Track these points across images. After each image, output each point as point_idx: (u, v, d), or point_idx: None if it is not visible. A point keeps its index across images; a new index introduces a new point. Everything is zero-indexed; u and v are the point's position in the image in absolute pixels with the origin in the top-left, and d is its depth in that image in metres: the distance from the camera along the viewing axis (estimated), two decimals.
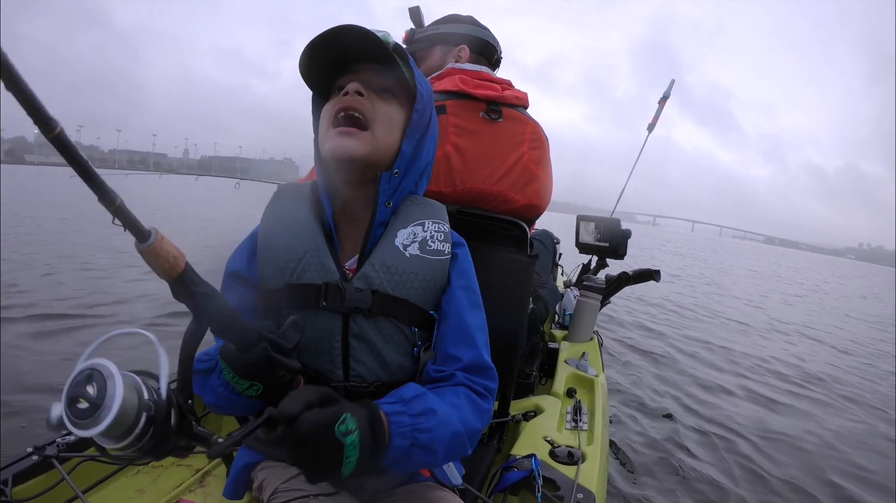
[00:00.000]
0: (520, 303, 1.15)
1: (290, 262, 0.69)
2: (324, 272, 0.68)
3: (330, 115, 0.69)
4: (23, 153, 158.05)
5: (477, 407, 0.67)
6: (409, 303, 0.70)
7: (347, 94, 0.68)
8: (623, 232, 2.13)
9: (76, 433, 0.40)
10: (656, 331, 4.84)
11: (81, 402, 0.39)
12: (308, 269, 0.69)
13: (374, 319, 0.68)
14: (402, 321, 0.70)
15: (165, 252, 0.45)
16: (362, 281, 0.68)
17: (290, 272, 0.69)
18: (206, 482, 1.18)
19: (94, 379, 0.40)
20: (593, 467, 1.04)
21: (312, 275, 0.68)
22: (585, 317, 2.00)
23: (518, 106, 1.20)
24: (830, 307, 10.06)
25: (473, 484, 0.86)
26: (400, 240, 0.71)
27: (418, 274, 0.70)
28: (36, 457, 0.99)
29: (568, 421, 1.26)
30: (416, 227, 0.73)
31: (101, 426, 0.39)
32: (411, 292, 0.70)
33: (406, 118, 0.72)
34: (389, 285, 0.69)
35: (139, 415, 0.42)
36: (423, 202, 0.77)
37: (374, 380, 0.69)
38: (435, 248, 0.72)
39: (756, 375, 3.79)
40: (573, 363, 1.65)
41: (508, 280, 1.12)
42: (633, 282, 2.15)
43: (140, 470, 1.19)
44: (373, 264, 0.69)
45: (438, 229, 0.74)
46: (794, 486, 2.15)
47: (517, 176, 1.16)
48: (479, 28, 1.29)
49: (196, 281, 0.48)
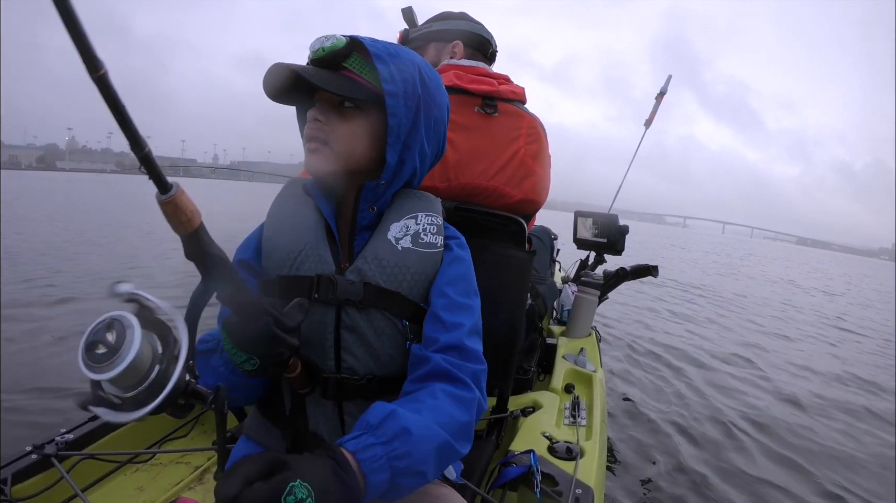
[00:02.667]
0: (518, 298, 1.15)
1: (291, 254, 0.71)
2: (321, 264, 0.70)
3: (305, 134, 0.72)
4: (54, 160, 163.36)
5: (459, 399, 0.63)
6: (401, 296, 0.70)
7: (311, 120, 0.71)
8: (621, 228, 2.14)
9: (89, 376, 0.42)
10: (654, 327, 4.86)
11: (100, 348, 0.42)
12: (306, 262, 0.70)
13: (366, 312, 0.69)
14: (393, 314, 0.70)
15: (184, 206, 0.47)
16: (355, 273, 0.69)
17: (290, 264, 0.71)
18: (206, 479, 1.18)
19: (114, 327, 0.43)
20: (592, 462, 1.04)
21: (310, 267, 0.70)
22: (583, 312, 2.01)
23: (514, 100, 1.20)
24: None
25: (472, 479, 0.86)
26: (392, 233, 0.72)
27: (410, 267, 0.71)
28: (35, 456, 0.99)
29: (566, 416, 1.26)
30: (408, 220, 0.74)
31: (115, 370, 0.41)
32: (403, 285, 0.70)
33: (382, 123, 0.70)
34: (382, 278, 0.69)
35: (151, 368, 0.44)
36: (417, 195, 0.78)
37: (365, 374, 0.69)
38: (427, 240, 0.73)
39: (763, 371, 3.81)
40: (571, 359, 1.66)
41: (506, 276, 1.12)
42: (630, 277, 2.16)
43: (139, 468, 1.19)
44: (365, 257, 0.70)
45: (431, 222, 0.75)
46: (794, 479, 2.16)
47: (513, 171, 1.16)
48: (473, 23, 1.29)
49: (209, 241, 0.50)
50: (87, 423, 1.13)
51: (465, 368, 0.66)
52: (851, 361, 4.56)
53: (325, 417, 0.71)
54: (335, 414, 0.71)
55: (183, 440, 1.33)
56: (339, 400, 0.70)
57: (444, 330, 0.68)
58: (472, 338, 0.70)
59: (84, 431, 1.10)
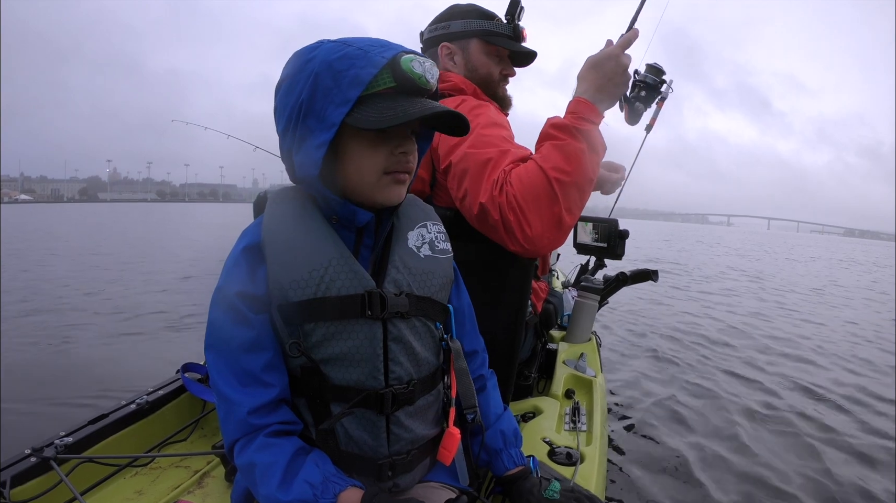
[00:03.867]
0: (518, 303, 1.16)
1: (315, 272, 0.66)
2: (357, 280, 0.67)
3: (382, 163, 0.67)
4: (96, 191, 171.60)
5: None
6: (433, 300, 0.73)
7: (404, 153, 0.68)
8: (621, 232, 2.14)
9: None
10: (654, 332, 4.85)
11: None
12: (338, 279, 0.66)
13: (409, 320, 0.70)
14: (429, 318, 0.73)
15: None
16: (392, 285, 0.69)
17: (317, 282, 0.66)
18: (205, 483, 1.18)
19: None
20: (592, 468, 1.04)
21: (344, 283, 0.66)
22: (583, 317, 2.01)
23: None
24: None
25: (472, 484, 0.86)
26: (412, 241, 0.74)
27: (434, 272, 0.74)
28: (34, 459, 0.99)
29: (566, 422, 1.26)
30: (420, 229, 0.76)
31: None
32: (433, 290, 0.74)
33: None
34: (415, 286, 0.72)
35: None
36: (414, 201, 0.80)
37: (408, 379, 0.71)
38: (441, 247, 0.77)
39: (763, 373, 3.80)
40: (571, 364, 1.66)
41: (507, 280, 1.12)
42: (630, 282, 2.16)
43: (138, 471, 1.19)
44: (397, 267, 0.71)
45: (439, 230, 0.79)
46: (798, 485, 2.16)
47: None
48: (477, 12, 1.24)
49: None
50: (86, 427, 1.13)
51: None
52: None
53: (368, 432, 0.70)
54: (383, 425, 0.70)
55: (183, 444, 1.33)
56: (391, 412, 0.70)
57: (478, 338, 0.88)
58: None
59: (83, 435, 1.10)
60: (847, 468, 2.36)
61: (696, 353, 4.21)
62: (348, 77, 0.62)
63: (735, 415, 2.88)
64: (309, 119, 0.64)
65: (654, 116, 1.28)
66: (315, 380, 0.67)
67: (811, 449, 2.53)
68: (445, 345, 0.75)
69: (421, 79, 0.64)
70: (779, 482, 2.16)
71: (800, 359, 4.24)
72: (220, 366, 0.66)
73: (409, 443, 0.73)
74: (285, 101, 0.66)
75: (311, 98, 0.63)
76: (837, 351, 4.62)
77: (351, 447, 0.70)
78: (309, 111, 0.64)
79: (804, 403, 3.19)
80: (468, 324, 0.85)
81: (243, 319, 0.66)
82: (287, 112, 0.66)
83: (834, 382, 3.63)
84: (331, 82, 0.62)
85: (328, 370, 0.67)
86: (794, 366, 4.05)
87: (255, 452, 0.64)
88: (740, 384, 3.48)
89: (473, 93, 1.19)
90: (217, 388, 0.66)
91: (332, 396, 0.68)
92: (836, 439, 2.66)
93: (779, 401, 3.19)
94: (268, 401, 0.65)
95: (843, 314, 6.83)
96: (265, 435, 0.65)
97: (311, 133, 0.64)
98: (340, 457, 0.69)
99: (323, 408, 0.68)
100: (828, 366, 4.07)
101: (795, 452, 2.48)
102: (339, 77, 0.62)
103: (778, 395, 3.30)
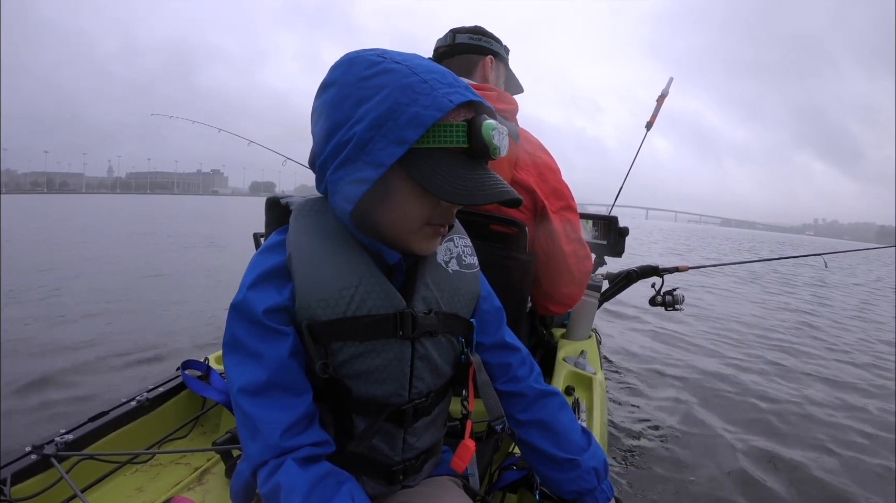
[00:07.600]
0: (519, 302, 1.16)
1: (346, 291, 0.63)
2: (388, 299, 0.65)
3: (429, 214, 0.63)
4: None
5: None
6: (458, 316, 0.72)
7: (451, 206, 0.65)
8: (621, 230, 2.13)
9: None
10: (654, 330, 4.86)
11: None
12: (368, 299, 0.64)
13: (434, 338, 0.69)
14: (453, 334, 0.72)
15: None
16: (421, 303, 0.68)
17: (347, 302, 0.63)
18: (205, 480, 1.18)
19: None
20: None
21: (375, 303, 0.64)
22: (583, 315, 2.00)
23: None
24: None
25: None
26: (440, 256, 0.72)
27: (461, 288, 0.73)
28: (34, 456, 0.99)
29: None
30: (448, 243, 0.74)
31: None
32: (459, 306, 0.73)
33: None
34: (443, 303, 0.70)
35: None
36: None
37: (428, 392, 0.71)
38: (468, 262, 0.75)
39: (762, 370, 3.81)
40: (571, 361, 1.65)
41: (507, 279, 1.12)
42: (637, 278, 2.15)
43: (139, 468, 1.19)
44: (427, 285, 0.69)
45: (465, 244, 0.77)
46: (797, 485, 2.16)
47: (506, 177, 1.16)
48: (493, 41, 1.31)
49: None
50: (86, 424, 1.13)
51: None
52: None
53: (386, 443, 0.70)
54: (401, 436, 0.71)
55: (183, 440, 1.33)
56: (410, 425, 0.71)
57: (521, 358, 0.82)
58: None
59: (84, 432, 1.10)
60: (846, 468, 2.36)
61: (696, 353, 4.21)
62: (408, 114, 0.56)
63: (735, 414, 2.89)
64: (355, 146, 0.59)
65: (654, 114, 1.28)
66: (337, 391, 0.66)
67: (820, 447, 2.54)
68: (465, 358, 0.74)
69: (496, 151, 0.58)
70: (780, 482, 2.17)
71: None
72: (244, 382, 0.61)
73: (421, 450, 0.74)
74: (332, 114, 0.60)
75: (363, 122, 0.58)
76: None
77: (363, 450, 0.69)
78: (358, 137, 0.58)
79: (818, 402, 3.20)
80: (502, 324, 0.82)
81: (274, 334, 0.62)
82: (329, 126, 0.61)
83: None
84: (387, 112, 0.57)
85: (352, 384, 0.66)
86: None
87: (284, 478, 0.58)
88: (740, 381, 3.49)
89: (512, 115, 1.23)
90: (240, 407, 0.61)
91: (353, 407, 0.67)
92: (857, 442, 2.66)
93: (781, 397, 3.19)
94: (300, 417, 0.61)
95: None
96: (294, 459, 0.59)
97: (353, 162, 0.59)
98: (352, 458, 0.68)
99: (345, 418, 0.67)
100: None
101: (798, 453, 2.49)
102: (397, 110, 0.56)
103: (784, 398, 3.30)
